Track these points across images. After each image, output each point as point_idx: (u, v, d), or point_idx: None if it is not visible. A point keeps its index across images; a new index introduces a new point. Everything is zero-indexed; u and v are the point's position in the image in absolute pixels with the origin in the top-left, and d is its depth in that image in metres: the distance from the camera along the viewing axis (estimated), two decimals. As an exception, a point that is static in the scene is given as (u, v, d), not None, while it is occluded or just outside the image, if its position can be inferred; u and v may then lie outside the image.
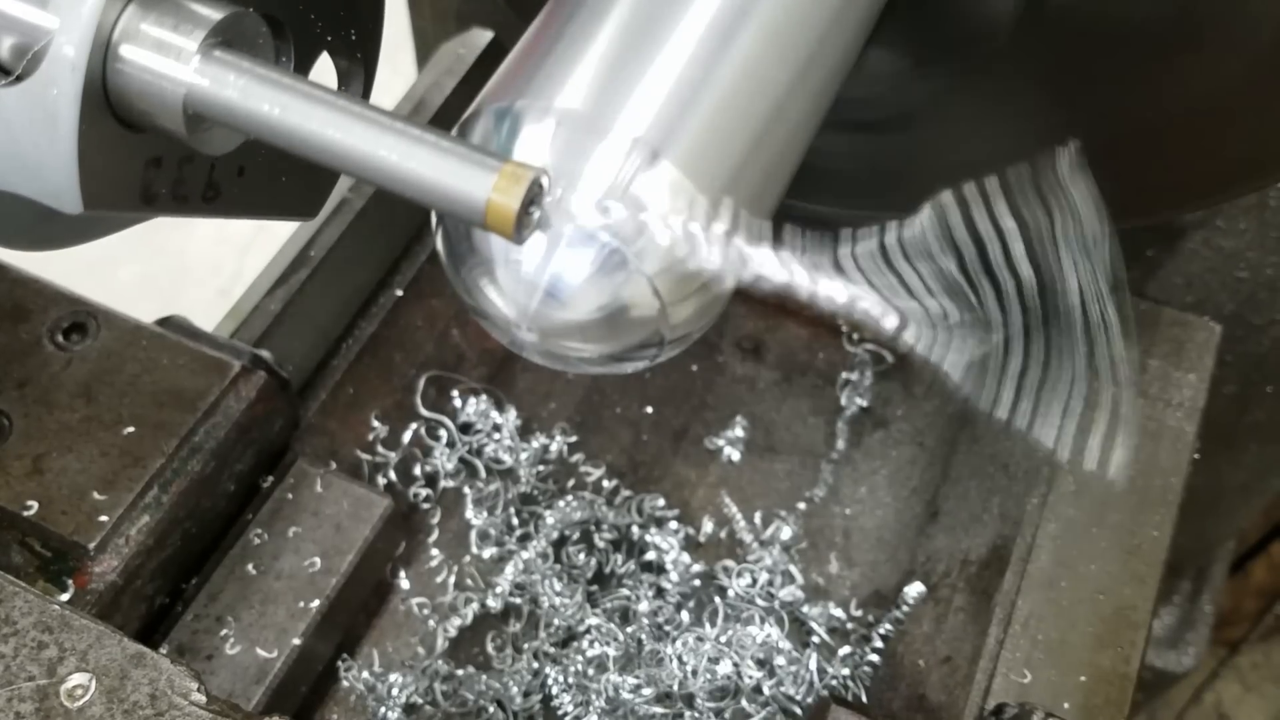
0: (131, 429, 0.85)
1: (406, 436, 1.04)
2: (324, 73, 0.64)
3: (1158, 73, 0.80)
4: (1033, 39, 0.80)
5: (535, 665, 0.94)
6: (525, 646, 0.96)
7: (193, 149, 0.55)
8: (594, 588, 0.99)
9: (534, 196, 0.49)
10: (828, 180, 0.91)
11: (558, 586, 0.97)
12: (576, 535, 1.02)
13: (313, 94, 0.50)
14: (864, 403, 1.11)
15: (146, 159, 0.53)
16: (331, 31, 0.62)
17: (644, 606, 0.96)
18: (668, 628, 0.95)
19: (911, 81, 0.85)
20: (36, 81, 0.48)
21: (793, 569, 1.00)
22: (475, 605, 0.97)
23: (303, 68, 0.61)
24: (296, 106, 0.50)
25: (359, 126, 0.49)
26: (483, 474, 1.04)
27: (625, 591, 0.97)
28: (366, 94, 0.66)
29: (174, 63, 0.50)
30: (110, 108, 0.51)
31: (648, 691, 0.90)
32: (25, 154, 0.49)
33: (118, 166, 0.52)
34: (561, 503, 1.01)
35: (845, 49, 0.66)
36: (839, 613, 0.98)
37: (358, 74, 0.66)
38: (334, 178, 0.68)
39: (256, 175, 0.59)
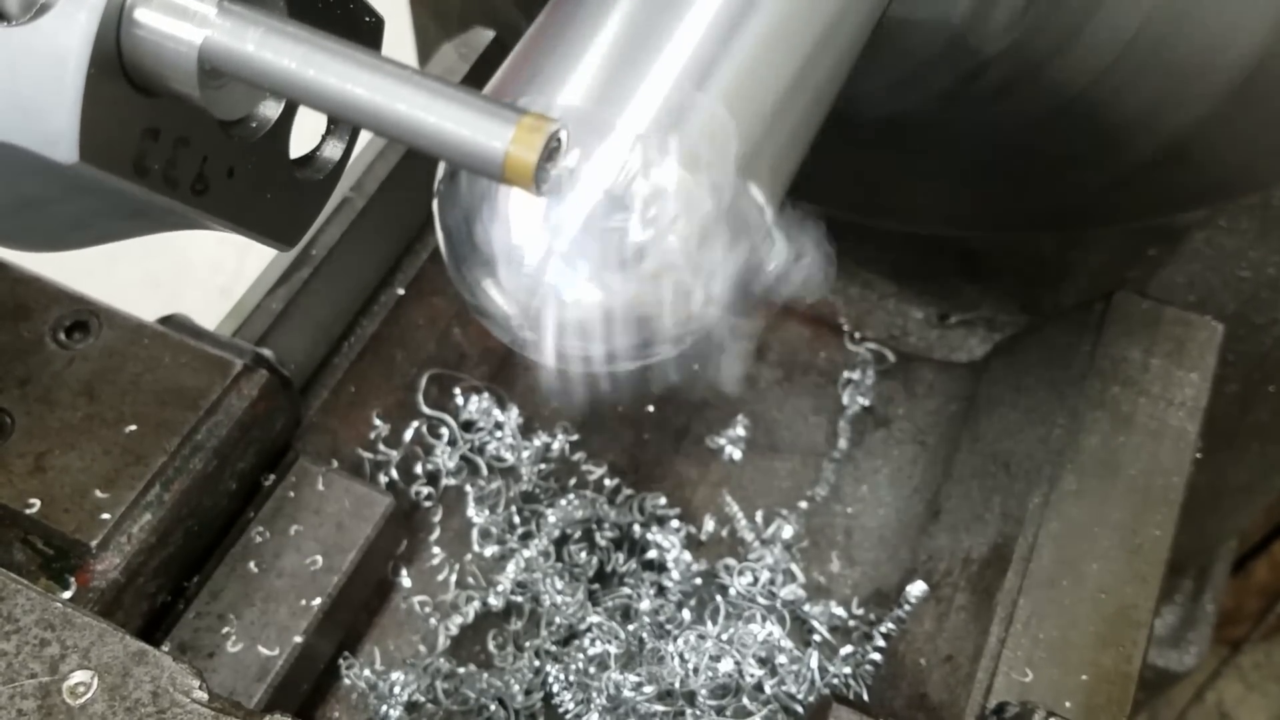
0: (133, 427, 0.85)
1: (408, 435, 1.04)
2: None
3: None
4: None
5: (537, 663, 0.94)
6: (527, 645, 0.96)
7: (188, 134, 0.55)
8: (595, 586, 0.99)
9: (553, 149, 0.49)
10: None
11: (559, 585, 0.97)
12: (578, 534, 1.02)
13: (330, 46, 0.50)
14: (866, 402, 1.11)
15: (145, 127, 0.53)
16: None
17: (645, 605, 0.96)
18: (669, 626, 0.95)
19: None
20: (49, 20, 0.49)
21: (794, 568, 1.00)
22: (477, 603, 0.97)
23: (291, 110, 0.61)
24: (314, 58, 0.49)
25: (376, 79, 0.49)
26: (484, 472, 1.04)
27: (626, 590, 0.97)
28: (355, 137, 0.66)
29: (190, 17, 0.50)
30: (120, 63, 0.51)
31: (649, 690, 0.90)
32: (27, 95, 0.49)
33: (117, 125, 0.51)
34: (563, 501, 1.01)
35: (847, 48, 0.66)
36: (840, 611, 0.98)
37: None
38: (316, 209, 0.67)
39: (244, 182, 0.59)
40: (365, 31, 0.65)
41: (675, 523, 1.02)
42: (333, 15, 0.62)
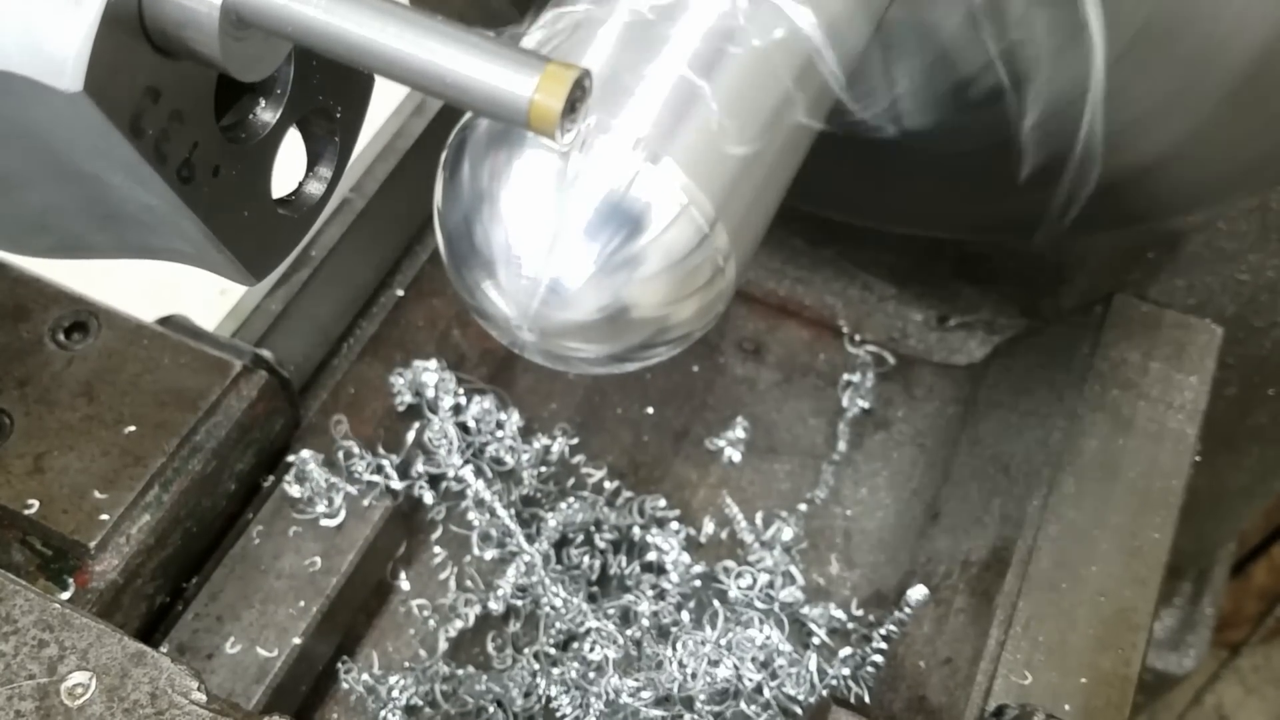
0: (132, 428, 0.85)
1: (408, 436, 1.04)
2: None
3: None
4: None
5: (535, 666, 0.94)
6: (526, 650, 0.96)
7: (185, 110, 0.54)
8: (595, 589, 0.99)
9: (577, 98, 0.49)
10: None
11: (558, 588, 0.97)
12: (580, 539, 1.01)
13: None
14: (865, 404, 1.11)
15: (148, 84, 0.52)
16: (323, 91, 0.62)
17: (644, 607, 0.96)
18: (668, 624, 0.95)
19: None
20: None
21: (793, 570, 1.00)
22: (477, 607, 0.97)
23: (285, 122, 0.62)
24: (338, 7, 0.49)
25: (400, 27, 0.49)
26: (485, 474, 1.04)
27: (629, 596, 0.97)
28: (337, 178, 0.66)
29: None
30: (139, 8, 0.51)
31: (647, 695, 0.90)
32: (40, 18, 0.49)
33: (123, 70, 0.51)
34: (563, 504, 1.01)
35: (848, 51, 0.66)
36: (839, 614, 0.98)
37: (331, 153, 0.66)
38: (289, 246, 0.67)
39: (227, 186, 0.59)
40: (354, 84, 0.65)
41: (675, 525, 1.02)
42: (327, 65, 0.62)
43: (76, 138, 0.53)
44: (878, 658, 0.93)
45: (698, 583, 0.99)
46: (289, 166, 0.65)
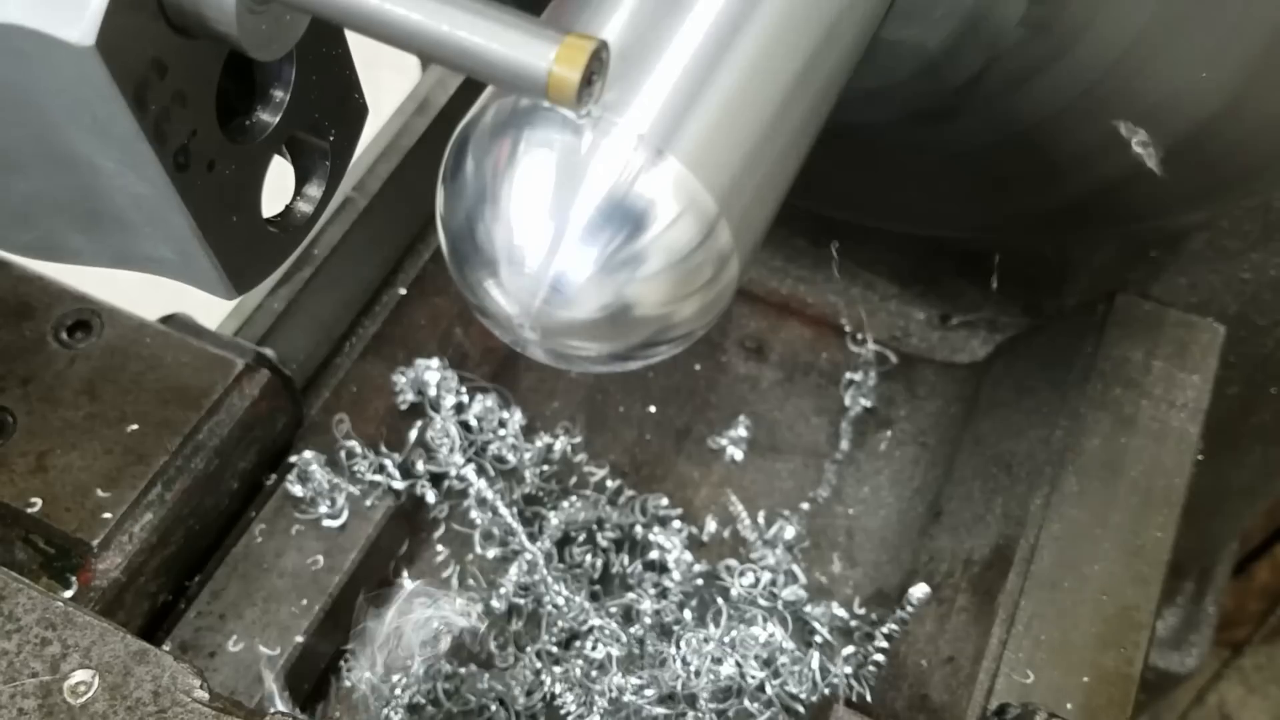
0: (135, 426, 0.85)
1: (411, 435, 1.04)
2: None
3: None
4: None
5: (538, 665, 0.94)
6: (528, 648, 0.96)
7: (188, 92, 0.54)
8: (597, 587, 0.99)
9: (595, 70, 0.49)
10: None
11: (560, 587, 0.97)
12: (582, 538, 1.01)
13: None
14: (868, 403, 1.11)
15: (155, 55, 0.52)
16: (320, 109, 0.63)
17: (647, 606, 0.96)
18: (669, 623, 0.95)
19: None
20: None
21: (796, 568, 1.00)
22: (479, 606, 0.97)
23: (282, 128, 0.62)
24: None
25: None
26: (487, 473, 1.04)
27: (632, 595, 0.97)
28: (325, 201, 0.66)
29: None
30: None
31: (650, 693, 0.90)
32: None
33: (135, 33, 0.51)
34: (565, 503, 1.01)
35: (850, 47, 0.66)
36: (842, 612, 0.98)
37: (321, 174, 0.66)
38: (273, 264, 0.67)
39: (219, 183, 0.59)
40: (349, 110, 0.65)
41: (677, 523, 1.02)
42: (326, 86, 0.62)
43: (77, 104, 0.52)
44: (878, 656, 0.93)
45: (700, 581, 0.99)
46: (279, 191, 0.65)
